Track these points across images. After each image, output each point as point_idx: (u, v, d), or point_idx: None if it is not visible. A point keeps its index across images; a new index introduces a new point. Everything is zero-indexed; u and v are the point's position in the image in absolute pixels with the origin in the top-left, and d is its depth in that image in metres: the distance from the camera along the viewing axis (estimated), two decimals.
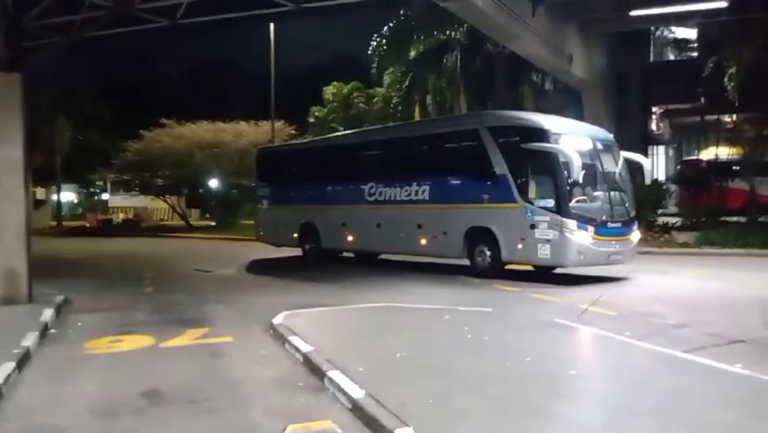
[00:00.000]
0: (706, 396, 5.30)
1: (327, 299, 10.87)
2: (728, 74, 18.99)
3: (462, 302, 10.05)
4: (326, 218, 17.30)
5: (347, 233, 16.60)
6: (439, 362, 6.39)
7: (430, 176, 14.59)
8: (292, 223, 18.28)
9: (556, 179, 12.11)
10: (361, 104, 33.71)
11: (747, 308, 9.70)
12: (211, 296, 11.83)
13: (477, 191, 13.39)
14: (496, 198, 13.03)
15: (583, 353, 6.76)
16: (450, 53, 25.11)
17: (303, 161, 19.11)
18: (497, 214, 13.00)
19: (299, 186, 18.51)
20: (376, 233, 15.68)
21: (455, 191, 14.01)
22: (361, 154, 17.03)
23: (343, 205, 16.87)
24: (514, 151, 12.75)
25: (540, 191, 12.36)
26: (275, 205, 19.38)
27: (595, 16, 20.06)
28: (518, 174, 12.66)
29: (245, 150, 35.23)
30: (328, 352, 6.71)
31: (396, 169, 15.55)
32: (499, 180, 12.96)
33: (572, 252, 12.01)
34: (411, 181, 14.86)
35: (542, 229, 12.13)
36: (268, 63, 33.44)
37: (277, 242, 19.39)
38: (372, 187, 15.86)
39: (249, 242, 27.58)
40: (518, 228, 12.54)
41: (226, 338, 8.17)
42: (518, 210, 12.54)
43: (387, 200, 15.47)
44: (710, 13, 18.60)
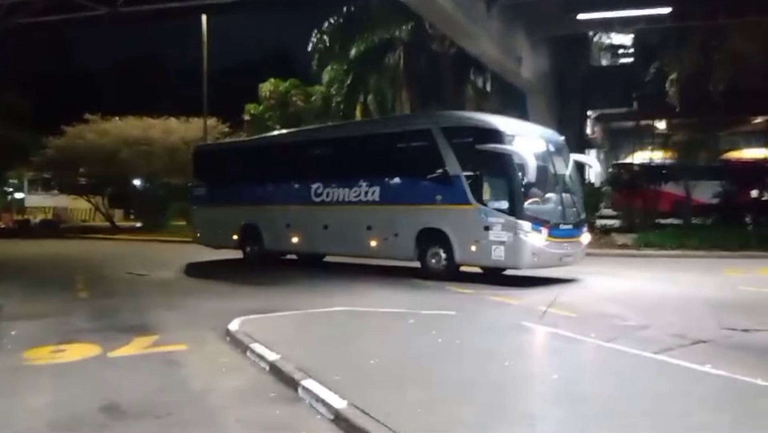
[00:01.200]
0: (690, 398, 5.27)
1: (278, 303, 10.42)
2: (669, 80, 19.60)
3: (421, 305, 9.83)
4: (269, 219, 16.74)
5: (292, 234, 16.11)
6: (416, 368, 6.15)
7: (380, 177, 14.28)
8: (232, 224, 17.57)
9: (510, 181, 12.06)
10: (299, 102, 33.05)
11: (698, 308, 9.92)
12: (153, 301, 11.17)
13: (429, 193, 13.15)
14: (449, 199, 12.85)
15: (560, 356, 6.66)
16: (393, 52, 24.95)
17: (244, 160, 18.39)
18: (450, 216, 12.82)
19: (240, 185, 17.84)
20: (323, 234, 15.26)
21: (407, 192, 13.75)
22: (307, 153, 16.51)
23: (287, 205, 16.34)
24: (468, 152, 12.61)
25: (494, 193, 12.30)
26: (214, 205, 18.57)
27: (542, 18, 20.31)
28: (472, 175, 12.53)
29: (175, 147, 34.12)
30: (296, 360, 6.36)
31: (344, 169, 15.14)
32: (452, 181, 12.78)
33: (526, 254, 11.97)
34: (360, 181, 14.50)
35: (496, 231, 12.04)
36: (200, 58, 32.47)
37: (215, 244, 18.64)
38: (318, 188, 15.40)
39: (181, 243, 26.77)
40: (472, 230, 12.41)
41: (179, 346, 7.66)
42: (472, 212, 12.40)
43: (335, 201, 15.06)
44: (654, 19, 19.17)
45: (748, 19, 18.11)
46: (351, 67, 25.94)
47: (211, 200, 18.73)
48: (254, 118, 34.49)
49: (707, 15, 18.04)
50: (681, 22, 18.64)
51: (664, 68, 20.03)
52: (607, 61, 30.14)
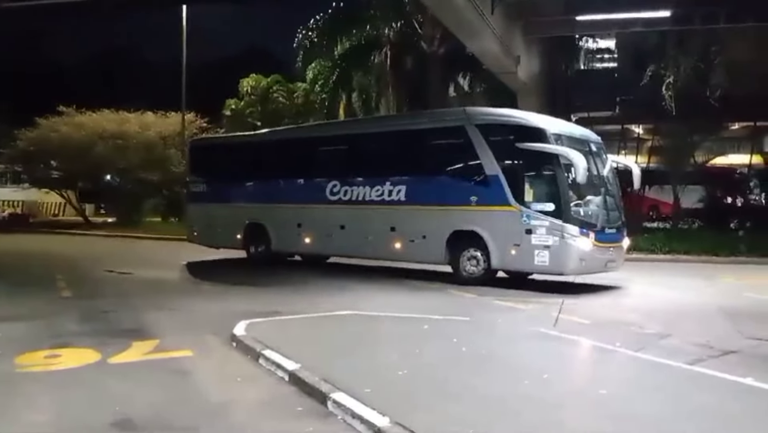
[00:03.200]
0: (749, 416, 4.99)
1: (279, 305, 10.02)
2: (666, 83, 19.57)
3: (429, 310, 9.51)
4: (278, 218, 15.82)
5: (304, 234, 15.24)
6: (449, 380, 5.77)
7: (406, 175, 13.50)
8: (235, 223, 16.59)
9: (557, 182, 11.42)
10: (281, 98, 32.45)
11: (711, 316, 9.75)
12: (143, 302, 10.62)
13: (463, 193, 12.44)
14: (485, 200, 12.16)
15: (596, 368, 6.36)
16: (379, 51, 24.57)
17: (249, 155, 17.18)
18: (487, 218, 12.13)
19: (245, 182, 16.87)
20: (340, 235, 14.41)
21: (437, 192, 12.93)
22: (323, 150, 15.48)
23: (298, 204, 15.40)
24: (508, 151, 11.99)
25: (537, 195, 11.67)
26: (213, 202, 17.50)
27: (541, 18, 20.14)
28: (512, 176, 11.89)
29: (152, 142, 33.34)
30: (318, 369, 5.94)
31: (365, 166, 14.33)
32: (489, 181, 12.11)
33: (574, 259, 11.36)
34: (384, 180, 13.67)
35: (540, 234, 11.42)
36: (178, 52, 31.81)
37: (215, 244, 17.58)
38: (335, 186, 14.55)
39: (160, 240, 26.20)
40: (512, 233, 11.74)
41: (184, 353, 7.18)
42: (512, 214, 11.74)
43: (354, 200, 14.21)
44: (653, 23, 19.12)
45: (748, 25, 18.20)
46: (336, 65, 25.44)
47: (210, 197, 17.68)
48: (234, 113, 33.81)
49: (707, 19, 18.04)
50: (680, 25, 18.64)
51: (659, 72, 20.01)
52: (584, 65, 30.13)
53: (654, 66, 20.62)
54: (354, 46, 24.18)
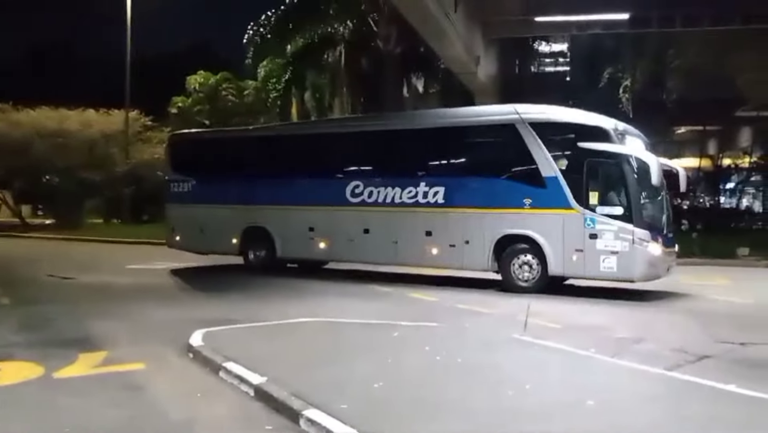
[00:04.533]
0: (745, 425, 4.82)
1: (235, 312, 9.54)
2: (623, 86, 19.77)
3: (394, 316, 9.16)
4: (284, 222, 14.55)
5: (318, 239, 14.04)
6: (429, 393, 5.42)
7: (446, 176, 12.77)
8: (230, 226, 15.19)
9: (626, 184, 10.96)
10: (230, 96, 31.61)
11: (679, 319, 9.74)
12: (88, 309, 9.96)
13: (515, 195, 11.78)
14: (542, 203, 11.51)
15: (577, 376, 6.09)
16: (333, 49, 24.12)
17: (250, 152, 15.80)
18: (543, 222, 11.50)
19: (242, 182, 15.35)
20: (363, 240, 13.37)
21: (482, 194, 12.18)
22: (342, 147, 14.40)
23: (312, 206, 14.19)
24: (569, 151, 11.47)
25: (603, 197, 11.14)
26: (201, 203, 15.82)
27: (501, 19, 20.08)
28: (573, 177, 11.26)
29: (94, 140, 32.05)
30: (286, 383, 5.53)
31: (394, 166, 13.45)
32: (546, 183, 11.46)
33: (645, 265, 10.91)
34: (418, 180, 12.80)
35: (607, 239, 10.89)
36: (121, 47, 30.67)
37: (202, 249, 16.15)
38: (357, 187, 13.49)
39: (102, 244, 25.10)
40: (573, 238, 11.16)
41: (136, 365, 6.64)
42: (574, 218, 11.17)
43: (380, 202, 13.22)
44: (611, 25, 19.27)
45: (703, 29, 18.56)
46: (289, 63, 24.88)
47: (197, 198, 15.99)
48: (182, 111, 32.83)
49: (664, 23, 18.29)
50: (638, 28, 18.85)
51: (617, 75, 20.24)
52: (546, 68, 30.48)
53: (611, 69, 20.82)
54: (308, 43, 23.67)
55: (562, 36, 25.86)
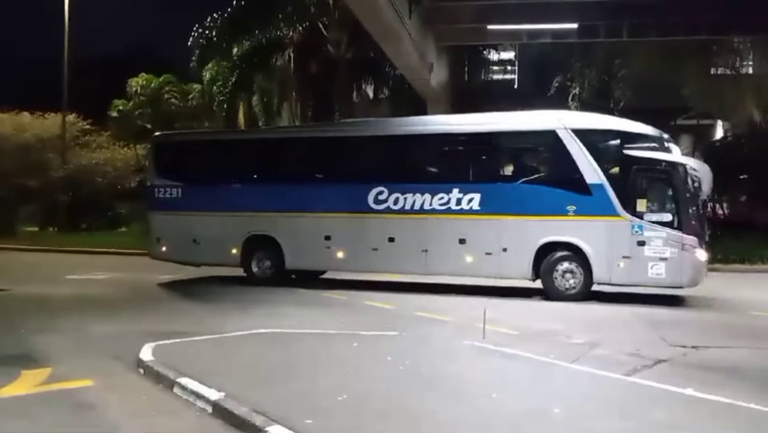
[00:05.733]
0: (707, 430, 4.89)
1: (188, 324, 9.30)
2: (571, 95, 20.15)
3: (352, 325, 9.09)
4: (295, 230, 13.66)
5: (335, 248, 13.32)
6: (395, 404, 5.30)
7: (481, 182, 12.39)
8: (229, 235, 14.16)
9: (675, 191, 11.11)
10: (173, 100, 30.83)
11: (630, 323, 9.90)
12: (28, 323, 9.40)
13: (557, 202, 11.64)
14: (586, 210, 11.44)
15: (540, 383, 6.08)
16: (282, 53, 23.80)
17: (253, 155, 14.84)
18: (588, 229, 11.45)
19: (244, 187, 14.40)
20: (388, 249, 12.82)
21: (522, 201, 11.97)
22: (364, 151, 13.71)
23: (328, 213, 13.42)
24: (614, 158, 11.49)
25: (651, 204, 11.22)
26: (193, 211, 14.62)
27: (454, 26, 20.19)
28: (619, 184, 11.30)
29: (28, 145, 30.74)
30: (246, 398, 5.33)
31: (423, 171, 13.13)
32: (591, 190, 11.40)
33: (695, 271, 11.02)
34: (450, 186, 12.41)
35: (655, 246, 10.95)
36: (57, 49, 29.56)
37: (195, 260, 14.96)
38: (381, 193, 12.89)
39: (41, 252, 24.04)
40: (620, 245, 11.20)
41: (83, 382, 6.32)
42: (621, 225, 11.19)
43: (408, 209, 12.72)
44: (560, 34, 19.63)
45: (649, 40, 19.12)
46: (236, 66, 24.41)
47: (188, 205, 14.72)
48: (122, 115, 31.84)
49: (611, 32, 18.78)
50: (586, 38, 19.27)
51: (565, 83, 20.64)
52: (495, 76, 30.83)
53: (560, 77, 21.22)
54: (255, 46, 23.25)
55: (510, 44, 26.26)
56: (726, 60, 25.58)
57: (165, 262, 15.18)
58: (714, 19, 19.75)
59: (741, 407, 5.34)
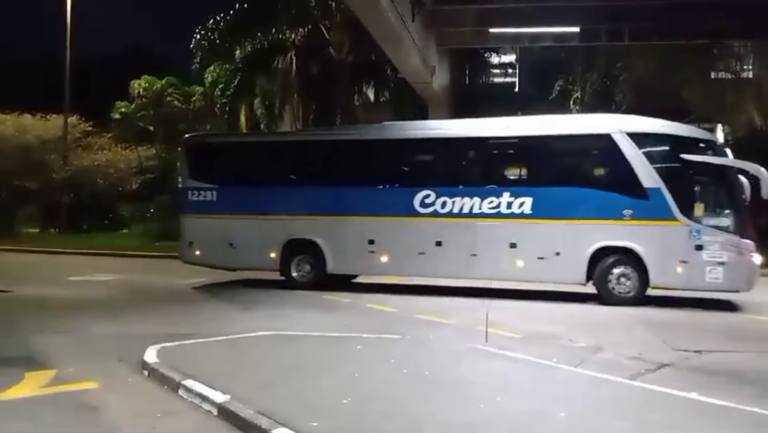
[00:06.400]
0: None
1: (191, 326, 9.30)
2: (573, 98, 20.20)
3: (355, 328, 9.08)
4: (338, 233, 13.42)
5: (379, 252, 13.08)
6: (399, 407, 5.32)
7: (533, 186, 12.31)
8: (267, 238, 13.82)
9: (733, 196, 11.17)
10: (176, 102, 30.86)
11: (631, 326, 9.90)
12: (32, 324, 9.44)
13: (612, 206, 11.61)
14: (643, 214, 11.41)
15: (544, 387, 6.09)
16: (284, 56, 23.83)
17: (294, 158, 14.47)
18: (644, 233, 11.40)
19: (283, 189, 14.02)
20: (435, 253, 12.63)
21: (575, 205, 11.89)
22: (411, 155, 13.73)
23: (372, 216, 13.18)
24: (672, 162, 11.46)
25: (709, 208, 11.22)
26: (228, 213, 14.23)
27: (456, 30, 20.25)
28: (677, 188, 11.29)
29: (29, 146, 30.71)
30: (251, 401, 5.35)
31: (473, 175, 12.93)
32: (648, 194, 11.37)
33: (752, 275, 11.06)
34: (501, 190, 12.30)
35: (713, 250, 10.92)
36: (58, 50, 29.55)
37: (230, 265, 14.66)
38: (428, 196, 12.71)
39: (43, 254, 24.00)
40: (677, 249, 11.18)
41: (88, 384, 6.34)
42: (678, 229, 11.16)
43: (456, 213, 12.54)
44: (562, 38, 19.67)
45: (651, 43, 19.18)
46: (238, 69, 24.46)
47: (223, 207, 14.34)
48: (124, 117, 31.86)
49: (613, 36, 18.84)
50: (588, 41, 19.33)
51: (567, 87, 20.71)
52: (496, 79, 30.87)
53: (562, 81, 21.26)
54: (257, 49, 23.30)
55: (511, 48, 26.32)
56: (726, 64, 25.68)
57: (198, 266, 14.85)
58: (714, 23, 19.88)
59: (744, 410, 5.35)
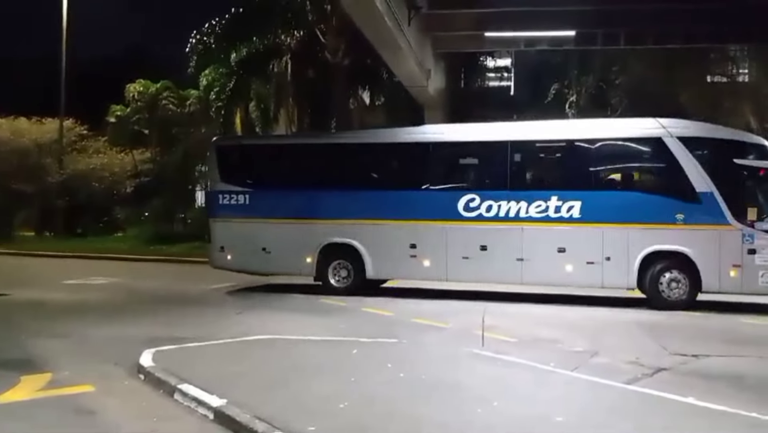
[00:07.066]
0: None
1: (182, 329, 9.31)
2: (568, 102, 20.25)
3: (351, 331, 9.13)
4: (378, 237, 13.14)
5: (421, 257, 12.87)
6: (397, 412, 5.31)
7: (582, 190, 12.21)
8: (303, 243, 13.49)
9: None
10: (171, 106, 30.81)
11: (629, 330, 9.93)
12: (28, 328, 9.46)
13: (664, 210, 11.65)
14: (695, 219, 11.47)
15: (541, 391, 6.08)
16: (279, 59, 23.84)
17: (331, 161, 14.04)
18: (696, 237, 11.46)
19: (319, 193, 13.66)
20: (480, 258, 12.48)
21: (626, 209, 11.89)
22: (456, 158, 13.64)
23: (413, 220, 12.98)
24: (724, 167, 11.51)
25: (762, 213, 11.35)
26: (263, 218, 13.87)
27: (452, 33, 20.30)
28: (729, 193, 11.37)
29: (25, 150, 30.70)
30: (247, 405, 5.34)
31: (520, 179, 12.81)
32: (700, 198, 11.46)
33: None
34: (548, 194, 12.21)
35: (765, 254, 11.10)
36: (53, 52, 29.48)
37: (263, 270, 14.33)
38: (473, 200, 12.54)
39: (38, 257, 23.92)
40: (730, 253, 11.27)
41: (84, 388, 6.33)
42: (731, 233, 11.28)
43: (502, 217, 12.39)
44: (557, 41, 19.73)
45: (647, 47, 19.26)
46: (233, 72, 24.45)
47: (256, 212, 13.95)
48: (120, 120, 31.80)
49: (608, 40, 18.93)
50: (584, 45, 19.41)
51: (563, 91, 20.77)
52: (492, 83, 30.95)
53: (557, 85, 21.31)
54: (253, 53, 23.29)
55: (507, 51, 26.40)
56: (722, 68, 25.79)
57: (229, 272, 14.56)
58: (710, 27, 19.95)
59: (741, 415, 5.35)
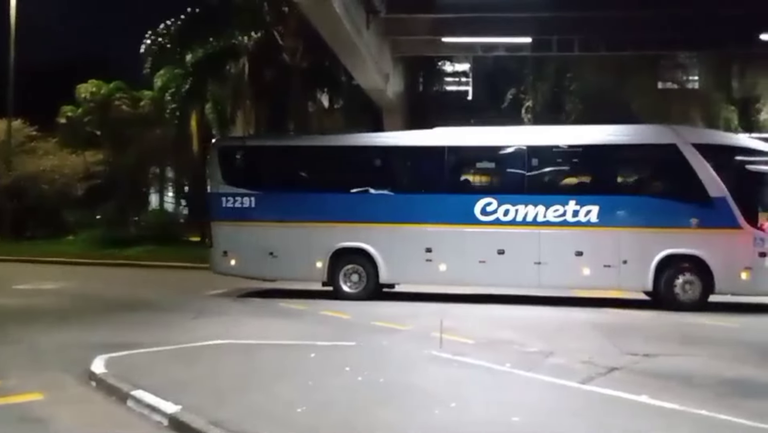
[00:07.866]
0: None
1: (135, 334, 9.08)
2: (525, 107, 20.55)
3: (310, 335, 9.06)
4: (392, 241, 12.97)
5: (437, 261, 12.76)
6: (354, 416, 5.29)
7: (599, 194, 12.45)
8: (313, 247, 13.19)
9: None
10: (124, 107, 30.17)
11: (583, 331, 10.09)
12: None
13: (678, 214, 12.03)
14: (708, 222, 11.86)
15: (497, 393, 6.13)
16: (236, 61, 23.59)
17: (342, 163, 13.75)
18: (709, 241, 11.84)
19: (330, 196, 13.38)
20: (497, 262, 12.48)
21: (642, 213, 12.23)
22: (472, 162, 13.67)
23: (429, 224, 12.88)
24: (736, 173, 11.90)
25: None
26: (270, 221, 13.50)
27: (409, 38, 20.42)
28: (741, 198, 11.78)
29: None
30: (202, 410, 5.26)
31: (537, 183, 12.81)
32: (714, 203, 11.83)
33: None
34: (566, 198, 12.38)
35: None
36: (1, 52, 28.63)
37: (270, 275, 13.98)
38: (489, 204, 12.59)
39: None
40: (741, 256, 11.66)
41: (33, 396, 6.13)
42: (743, 237, 11.68)
43: (519, 221, 12.50)
44: (514, 48, 20.03)
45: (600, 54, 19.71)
46: (189, 73, 24.10)
47: (262, 215, 13.58)
48: (71, 121, 31.00)
49: (563, 47, 19.34)
50: (539, 52, 19.76)
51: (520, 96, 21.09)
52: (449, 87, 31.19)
53: (514, 90, 21.64)
54: (209, 54, 23.00)
55: (465, 57, 26.67)
56: (672, 75, 26.56)
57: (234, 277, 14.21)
58: (662, 35, 20.61)
59: (692, 413, 5.48)
